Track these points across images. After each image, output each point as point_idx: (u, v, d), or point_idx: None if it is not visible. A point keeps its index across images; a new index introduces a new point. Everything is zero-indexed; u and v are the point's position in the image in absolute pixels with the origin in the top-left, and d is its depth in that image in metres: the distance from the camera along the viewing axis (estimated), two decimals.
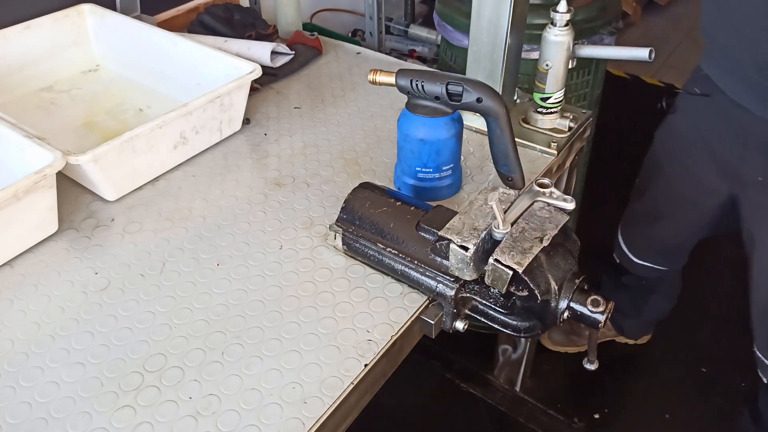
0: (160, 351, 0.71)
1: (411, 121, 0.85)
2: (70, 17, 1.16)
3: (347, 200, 0.81)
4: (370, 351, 0.71)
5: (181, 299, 0.77)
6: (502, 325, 0.74)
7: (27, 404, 0.66)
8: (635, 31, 3.28)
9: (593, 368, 0.74)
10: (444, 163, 0.88)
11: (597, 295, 0.69)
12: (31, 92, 1.13)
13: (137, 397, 0.66)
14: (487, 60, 0.99)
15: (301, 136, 1.06)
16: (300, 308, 0.76)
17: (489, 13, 0.95)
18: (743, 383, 1.66)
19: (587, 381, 1.65)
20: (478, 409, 1.61)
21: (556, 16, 0.94)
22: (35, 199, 0.79)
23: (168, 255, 0.83)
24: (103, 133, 1.05)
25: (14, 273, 0.81)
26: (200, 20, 1.27)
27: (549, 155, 1.00)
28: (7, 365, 0.69)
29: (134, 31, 1.14)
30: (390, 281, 0.79)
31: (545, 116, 1.02)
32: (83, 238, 0.86)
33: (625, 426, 1.58)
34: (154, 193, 0.94)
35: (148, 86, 1.15)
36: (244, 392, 0.67)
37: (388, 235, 0.77)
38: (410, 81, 0.81)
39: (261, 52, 1.16)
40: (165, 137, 0.92)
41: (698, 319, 1.82)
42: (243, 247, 0.84)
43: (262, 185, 0.95)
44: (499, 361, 1.65)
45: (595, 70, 1.41)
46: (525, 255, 0.66)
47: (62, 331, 0.73)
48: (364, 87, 1.18)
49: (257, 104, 1.13)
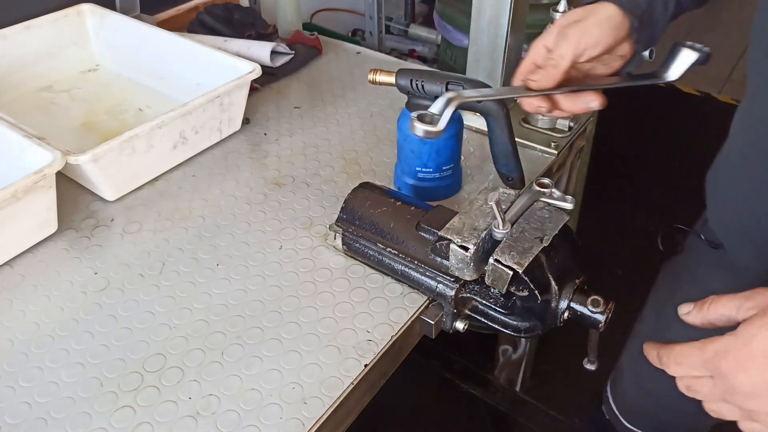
0: (160, 351, 0.71)
1: None
2: (70, 17, 1.16)
3: (347, 200, 0.81)
4: (370, 351, 0.71)
5: (181, 299, 0.77)
6: (502, 325, 0.74)
7: (26, 404, 0.66)
8: None
9: (593, 368, 0.74)
10: (444, 163, 0.88)
11: (597, 295, 0.69)
12: (30, 92, 1.13)
13: (137, 398, 0.66)
14: (487, 60, 0.99)
15: (301, 136, 1.06)
16: (300, 308, 0.76)
17: (489, 13, 0.95)
18: None
19: (587, 381, 1.65)
20: (478, 409, 1.61)
21: (556, 15, 0.94)
22: (35, 199, 0.79)
23: (167, 255, 0.83)
24: (102, 133, 1.05)
25: (14, 273, 0.81)
26: (200, 20, 1.27)
27: (549, 155, 1.00)
28: (7, 365, 0.69)
29: (134, 31, 1.14)
30: (390, 281, 0.79)
31: (545, 116, 1.02)
32: (83, 238, 0.86)
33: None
34: (154, 193, 0.94)
35: (147, 86, 1.15)
36: (244, 392, 0.67)
37: (388, 235, 0.77)
38: (410, 81, 0.81)
39: (261, 52, 1.16)
40: (165, 137, 0.92)
41: None
42: (243, 247, 0.84)
43: (262, 185, 0.95)
44: (500, 361, 1.65)
45: None
46: (525, 255, 0.66)
47: (62, 331, 0.73)
48: (364, 87, 1.18)
49: (257, 104, 1.13)
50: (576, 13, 0.71)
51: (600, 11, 0.70)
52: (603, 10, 0.70)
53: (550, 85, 0.69)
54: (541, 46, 0.71)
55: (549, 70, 0.69)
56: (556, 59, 0.69)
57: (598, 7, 0.70)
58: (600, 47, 0.70)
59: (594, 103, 0.70)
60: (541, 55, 0.71)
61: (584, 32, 0.68)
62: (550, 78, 0.69)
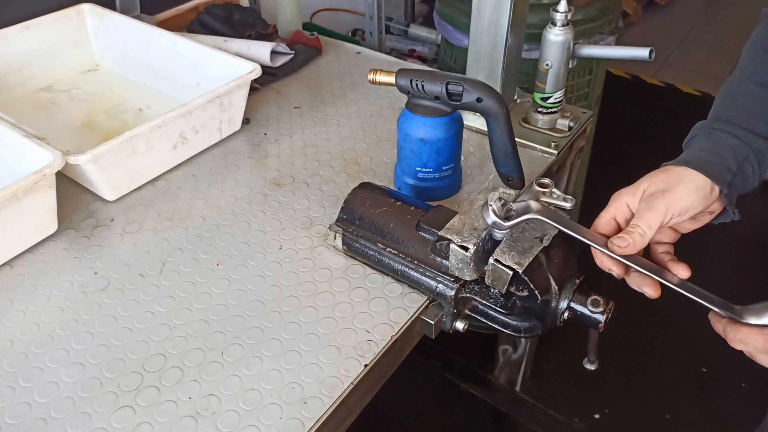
0: (160, 351, 0.71)
1: (411, 120, 0.85)
2: (70, 17, 1.16)
3: (347, 200, 0.81)
4: (370, 351, 0.71)
5: (181, 299, 0.77)
6: (502, 325, 0.74)
7: (26, 404, 0.66)
8: (635, 31, 3.29)
9: (593, 368, 0.74)
10: (444, 163, 0.88)
11: (597, 295, 0.69)
12: (30, 92, 1.13)
13: (137, 398, 0.66)
14: (487, 60, 0.99)
15: (301, 136, 1.06)
16: (300, 308, 0.76)
17: (489, 13, 0.95)
18: (743, 383, 1.66)
19: (587, 381, 1.65)
20: (478, 409, 1.61)
21: (556, 15, 0.94)
22: (35, 199, 0.79)
23: (167, 255, 0.83)
24: (102, 133, 1.05)
25: (14, 273, 0.81)
26: (200, 20, 1.27)
27: (549, 155, 1.00)
28: (7, 365, 0.69)
29: (134, 30, 1.14)
30: (390, 281, 0.79)
31: (545, 116, 1.02)
32: (83, 238, 0.86)
33: (625, 426, 1.58)
34: (154, 193, 0.94)
35: (147, 86, 1.15)
36: (244, 392, 0.67)
37: (388, 235, 0.77)
38: (410, 81, 0.81)
39: (261, 52, 1.16)
40: (164, 137, 0.92)
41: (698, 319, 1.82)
42: (243, 247, 0.84)
43: (262, 185, 0.95)
44: (499, 361, 1.65)
45: (595, 70, 1.41)
46: (525, 255, 0.66)
47: (62, 331, 0.73)
48: (364, 87, 1.18)
49: (257, 104, 1.13)
50: (661, 181, 0.67)
51: (688, 181, 0.66)
52: (691, 180, 0.66)
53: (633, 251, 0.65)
54: (624, 204, 0.68)
55: (635, 239, 0.64)
56: (643, 228, 0.65)
57: (684, 175, 0.66)
58: (688, 215, 0.67)
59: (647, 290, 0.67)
60: (623, 213, 0.68)
61: (672, 203, 0.65)
62: (636, 246, 0.65)
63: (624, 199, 0.68)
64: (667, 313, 1.81)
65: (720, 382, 1.66)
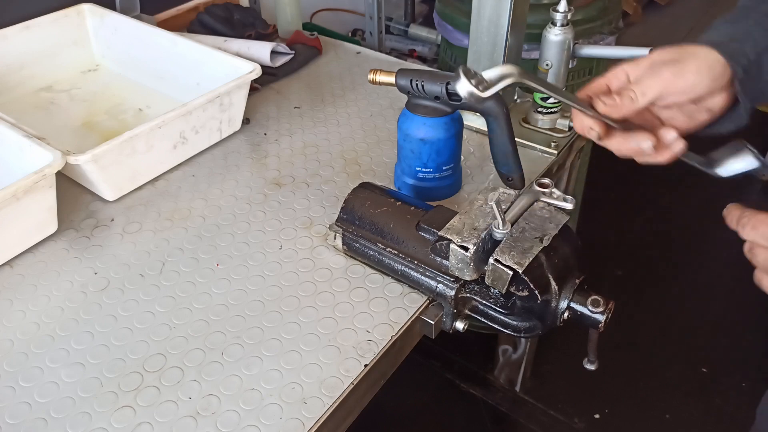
0: (160, 351, 0.71)
1: (411, 120, 0.85)
2: (70, 17, 1.16)
3: (347, 200, 0.81)
4: (370, 351, 0.71)
5: (181, 299, 0.77)
6: (502, 325, 0.74)
7: (26, 404, 0.66)
8: (635, 31, 3.28)
9: (593, 368, 0.74)
10: (444, 163, 0.88)
11: (597, 295, 0.69)
12: (30, 92, 1.13)
13: (137, 398, 0.66)
14: (487, 60, 0.99)
15: (301, 136, 1.06)
16: (300, 308, 0.76)
17: (489, 13, 0.95)
18: (743, 383, 1.66)
19: (587, 381, 1.65)
20: (478, 409, 1.61)
21: (556, 15, 0.94)
22: (35, 199, 0.79)
23: (167, 255, 0.83)
24: (102, 133, 1.05)
25: (14, 273, 0.81)
26: (200, 20, 1.27)
27: (549, 155, 1.00)
28: (7, 365, 0.69)
29: (134, 30, 1.14)
30: (390, 281, 0.79)
31: (545, 116, 1.02)
32: (83, 238, 0.86)
33: (625, 426, 1.58)
34: (154, 193, 0.94)
35: (147, 86, 1.15)
36: (244, 392, 0.67)
37: (388, 235, 0.77)
38: (410, 81, 0.81)
39: (261, 52, 1.16)
40: (164, 137, 0.92)
41: (698, 319, 1.82)
42: (243, 247, 0.84)
43: (262, 185, 0.95)
44: (499, 361, 1.65)
45: (595, 70, 1.41)
46: (525, 255, 0.66)
47: (62, 331, 0.73)
48: (364, 87, 1.18)
49: (257, 104, 1.13)
50: (671, 52, 0.62)
51: (700, 55, 0.61)
52: (704, 55, 0.61)
53: (617, 115, 0.62)
54: (623, 72, 0.64)
55: (624, 101, 0.61)
56: (636, 93, 0.61)
57: (697, 50, 0.61)
58: (690, 95, 0.62)
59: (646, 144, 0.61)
60: (619, 80, 0.64)
61: (679, 74, 0.60)
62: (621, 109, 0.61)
63: (624, 67, 0.64)
64: (667, 313, 1.81)
65: (720, 382, 1.66)
